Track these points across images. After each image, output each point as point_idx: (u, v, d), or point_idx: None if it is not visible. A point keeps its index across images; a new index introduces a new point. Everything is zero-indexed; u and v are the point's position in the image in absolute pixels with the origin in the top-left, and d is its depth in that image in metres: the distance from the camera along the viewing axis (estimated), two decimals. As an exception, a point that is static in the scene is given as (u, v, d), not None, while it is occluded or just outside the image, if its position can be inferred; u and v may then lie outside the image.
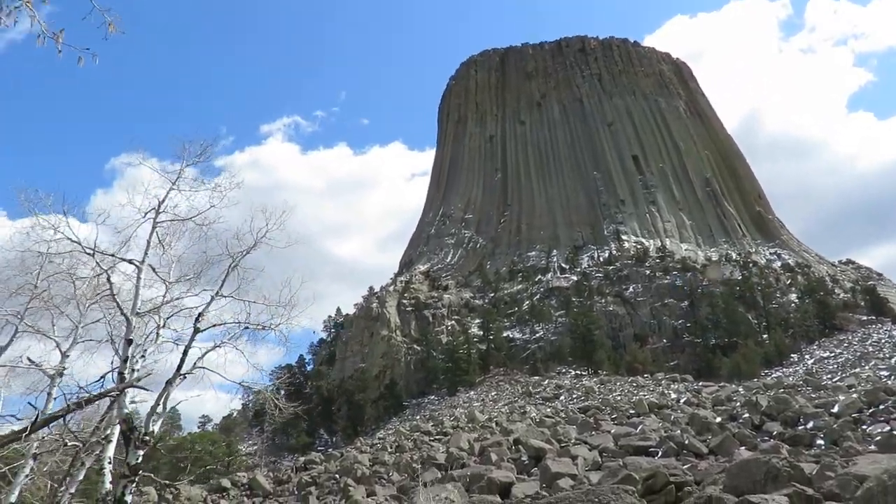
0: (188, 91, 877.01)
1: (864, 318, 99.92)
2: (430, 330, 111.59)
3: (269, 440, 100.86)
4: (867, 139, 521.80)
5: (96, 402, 11.07)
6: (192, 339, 13.49)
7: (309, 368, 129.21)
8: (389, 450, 43.74)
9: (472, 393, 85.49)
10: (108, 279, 13.58)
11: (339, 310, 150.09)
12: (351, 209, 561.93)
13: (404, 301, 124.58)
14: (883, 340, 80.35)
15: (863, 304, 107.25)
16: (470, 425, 49.65)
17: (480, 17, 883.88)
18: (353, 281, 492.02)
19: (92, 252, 13.30)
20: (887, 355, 70.39)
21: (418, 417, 76.45)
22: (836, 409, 28.23)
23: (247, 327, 13.99)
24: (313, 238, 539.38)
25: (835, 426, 25.18)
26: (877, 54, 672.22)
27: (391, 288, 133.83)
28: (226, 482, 39.54)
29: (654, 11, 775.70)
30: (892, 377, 54.01)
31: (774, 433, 26.49)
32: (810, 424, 27.32)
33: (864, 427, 25.71)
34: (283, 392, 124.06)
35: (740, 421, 30.04)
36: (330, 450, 69.60)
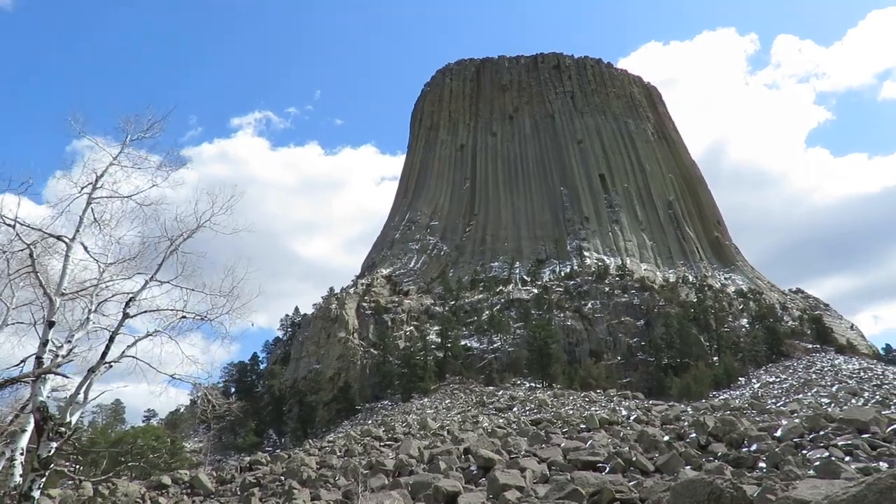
0: (160, 79, 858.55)
1: (810, 346, 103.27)
2: (388, 334, 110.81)
3: (215, 438, 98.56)
4: (823, 175, 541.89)
5: (13, 387, 10.34)
6: (119, 325, 12.47)
7: (262, 367, 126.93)
8: (338, 453, 43.07)
9: (426, 400, 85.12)
10: (31, 255, 12.47)
11: (297, 309, 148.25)
12: (319, 209, 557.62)
13: (364, 304, 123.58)
14: (825, 369, 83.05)
15: (809, 332, 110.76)
16: (421, 432, 49.29)
17: (459, 27, 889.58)
18: (318, 281, 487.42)
19: (12, 223, 12.24)
20: (829, 383, 72.69)
21: (370, 422, 75.66)
22: (778, 434, 28.80)
23: (184, 317, 12.96)
24: (279, 236, 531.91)
25: (777, 450, 25.62)
26: (836, 94, 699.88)
27: (352, 290, 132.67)
28: (166, 479, 38.29)
29: (629, 36, 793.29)
30: (832, 405, 55.74)
31: (719, 454, 26.86)
32: (754, 447, 27.77)
33: (805, 452, 26.24)
34: (220, 386, 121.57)
35: (687, 440, 30.41)
36: (278, 451, 68.28)
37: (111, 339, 12.11)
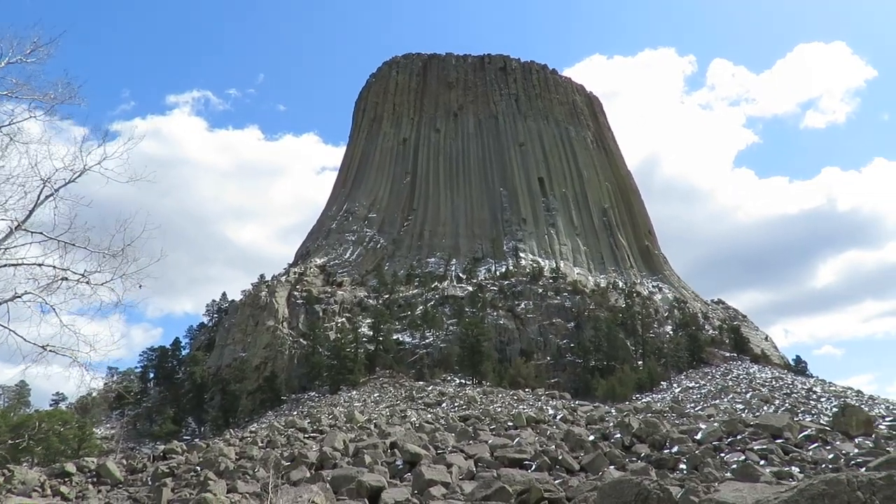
0: (95, 45, 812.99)
1: (728, 354, 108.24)
2: (318, 325, 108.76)
3: (130, 425, 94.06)
4: (747, 194, 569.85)
5: None
6: None
7: (185, 353, 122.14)
8: (260, 444, 41.61)
9: (355, 393, 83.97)
10: None
11: (224, 295, 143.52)
12: (255, 195, 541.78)
13: (296, 293, 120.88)
14: (741, 376, 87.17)
15: (727, 341, 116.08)
16: (348, 425, 48.37)
17: (409, 20, 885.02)
18: (249, 268, 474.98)
19: None
20: (743, 390, 76.25)
21: (295, 413, 73.90)
22: (699, 437, 29.57)
23: (64, 278, 10.70)
24: (211, 220, 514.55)
25: (697, 452, 26.22)
26: (763, 119, 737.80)
27: (283, 278, 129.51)
28: (70, 466, 35.85)
29: (575, 46, 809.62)
30: (746, 410, 58.33)
31: (642, 455, 27.32)
32: (675, 449, 28.36)
33: (723, 455, 26.95)
34: (137, 370, 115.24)
35: (612, 441, 30.85)
36: (196, 440, 65.63)
37: None
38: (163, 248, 11.71)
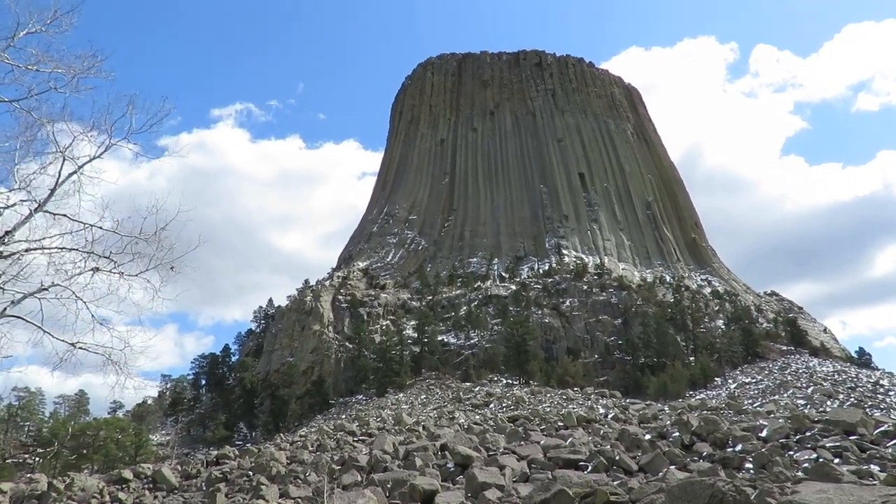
0: (140, 67, 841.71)
1: (784, 347, 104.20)
2: (363, 328, 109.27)
3: (184, 431, 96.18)
4: (796, 183, 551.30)
5: None
6: None
7: (234, 359, 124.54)
8: (310, 448, 41.68)
9: (402, 395, 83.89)
10: None
11: (271, 301, 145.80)
12: (298, 202, 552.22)
13: (340, 297, 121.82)
14: (801, 370, 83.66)
15: (783, 334, 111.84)
16: (396, 428, 48.11)
17: (442, 21, 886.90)
18: (294, 274, 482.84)
19: None
20: (804, 385, 73.11)
21: (343, 417, 74.26)
22: (764, 434, 28.17)
23: (96, 269, 9.69)
24: (256, 228, 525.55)
25: (763, 450, 24.90)
26: (811, 104, 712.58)
27: (327, 283, 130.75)
28: (127, 473, 36.55)
29: (612, 39, 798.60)
30: (809, 406, 55.81)
31: (704, 454, 26.13)
32: (739, 447, 27.08)
33: (791, 453, 25.59)
34: (190, 377, 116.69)
35: (670, 439, 29.67)
36: (248, 445, 66.56)
37: None
38: (200, 235, 10.67)
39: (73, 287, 9.62)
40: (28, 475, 39.05)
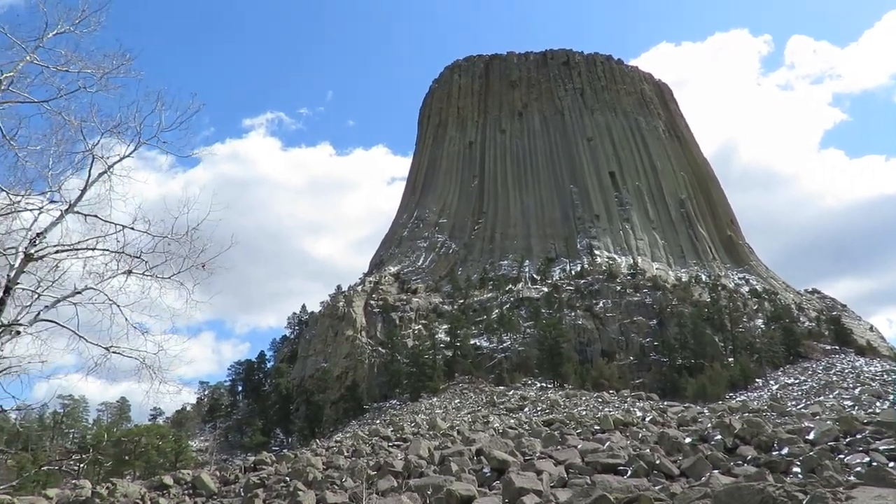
0: (173, 80, 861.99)
1: (828, 347, 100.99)
2: (396, 333, 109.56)
3: (222, 437, 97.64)
4: (837, 177, 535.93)
5: None
6: (18, 272, 8.84)
7: (269, 365, 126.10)
8: (345, 454, 41.78)
9: (435, 399, 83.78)
10: None
11: (304, 307, 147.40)
12: (329, 209, 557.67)
13: (372, 302, 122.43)
14: (846, 371, 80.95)
15: (827, 333, 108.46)
16: (431, 432, 47.95)
17: (468, 23, 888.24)
18: (326, 280, 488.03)
19: None
20: (850, 385, 70.70)
21: (378, 422, 74.43)
22: (811, 437, 27.18)
23: (129, 271, 9.48)
24: (288, 235, 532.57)
25: (812, 454, 24.02)
26: (851, 96, 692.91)
27: (359, 288, 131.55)
28: (168, 479, 37.13)
29: (640, 36, 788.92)
30: (857, 407, 53.91)
31: (748, 458, 25.33)
32: (785, 450, 26.21)
33: (842, 456, 24.61)
34: (226, 384, 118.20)
35: (712, 443, 28.88)
36: (285, 450, 67.20)
37: (6, 291, 8.73)
38: (233, 235, 10.48)
39: (106, 291, 9.58)
40: (73, 481, 39.94)
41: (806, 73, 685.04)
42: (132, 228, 9.78)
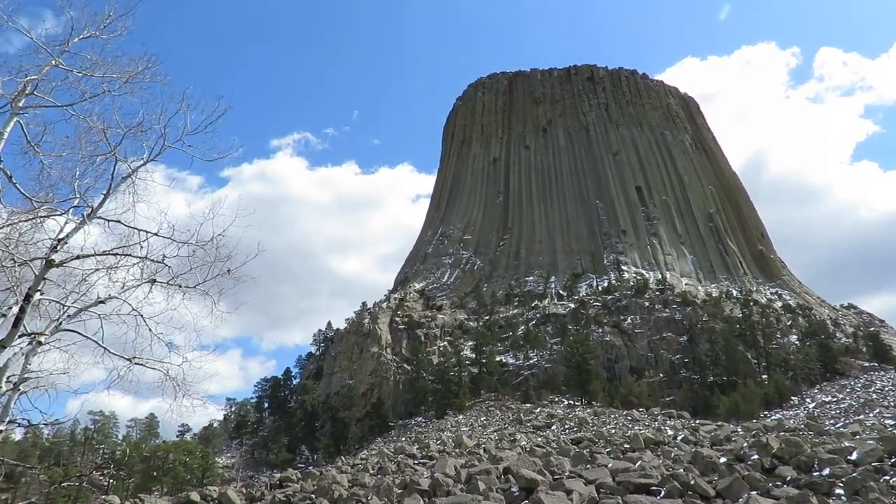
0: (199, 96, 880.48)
1: (867, 363, 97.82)
2: (421, 350, 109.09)
3: (248, 454, 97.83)
4: (870, 189, 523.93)
5: None
6: (39, 279, 8.48)
7: (295, 382, 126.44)
8: (371, 471, 41.35)
9: (461, 417, 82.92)
10: None
11: (329, 324, 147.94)
12: (355, 227, 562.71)
13: (397, 319, 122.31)
14: (887, 388, 78.14)
15: (865, 349, 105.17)
16: (457, 450, 47.30)
17: (489, 42, 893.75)
18: (352, 297, 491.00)
19: None
20: (892, 403, 68.21)
21: (404, 439, 73.86)
22: (854, 457, 26.08)
23: (153, 280, 9.30)
24: (315, 254, 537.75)
25: (855, 475, 23.02)
26: (884, 107, 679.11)
27: (384, 305, 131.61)
28: (195, 495, 37.12)
29: (666, 51, 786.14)
30: (899, 426, 51.88)
31: (788, 478, 24.36)
32: (826, 471, 25.18)
33: (887, 478, 23.57)
34: (253, 401, 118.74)
35: (749, 463, 27.89)
36: (310, 467, 66.92)
37: (27, 299, 8.30)
38: (259, 243, 10.27)
39: (130, 301, 9.42)
40: (102, 497, 40.17)
41: (836, 85, 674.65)
42: (156, 234, 9.66)
